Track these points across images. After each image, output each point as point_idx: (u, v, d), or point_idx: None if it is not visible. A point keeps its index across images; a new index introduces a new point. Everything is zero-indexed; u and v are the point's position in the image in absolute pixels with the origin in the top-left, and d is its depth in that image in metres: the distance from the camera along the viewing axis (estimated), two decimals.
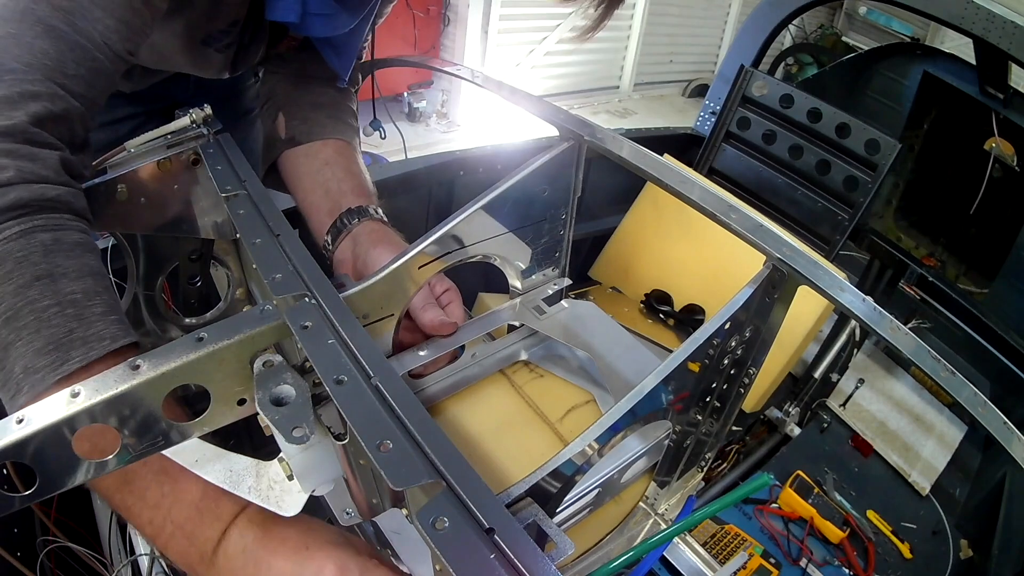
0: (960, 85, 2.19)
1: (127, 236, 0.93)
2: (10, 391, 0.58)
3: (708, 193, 0.76)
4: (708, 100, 2.41)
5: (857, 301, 0.65)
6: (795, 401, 1.86)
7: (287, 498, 0.61)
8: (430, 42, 4.81)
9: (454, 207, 1.17)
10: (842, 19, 7.57)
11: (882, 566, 1.48)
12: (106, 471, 0.55)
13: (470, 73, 1.08)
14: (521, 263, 0.99)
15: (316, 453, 0.60)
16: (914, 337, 0.65)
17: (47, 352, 0.58)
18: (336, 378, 0.54)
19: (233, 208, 0.77)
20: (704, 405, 0.80)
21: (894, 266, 2.12)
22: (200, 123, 0.92)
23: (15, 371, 0.58)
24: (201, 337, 0.57)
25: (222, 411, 0.61)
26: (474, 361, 0.96)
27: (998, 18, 1.66)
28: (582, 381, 0.97)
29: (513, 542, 0.45)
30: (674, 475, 0.89)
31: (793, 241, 0.71)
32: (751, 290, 0.69)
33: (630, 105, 6.65)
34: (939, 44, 4.95)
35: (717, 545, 1.37)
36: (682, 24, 6.96)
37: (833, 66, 2.73)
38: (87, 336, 0.60)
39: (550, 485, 0.58)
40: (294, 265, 0.67)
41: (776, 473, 1.57)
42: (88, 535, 1.05)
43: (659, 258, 2.01)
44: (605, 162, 0.86)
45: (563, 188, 0.95)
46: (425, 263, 0.84)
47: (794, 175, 2.09)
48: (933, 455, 1.82)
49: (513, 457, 0.82)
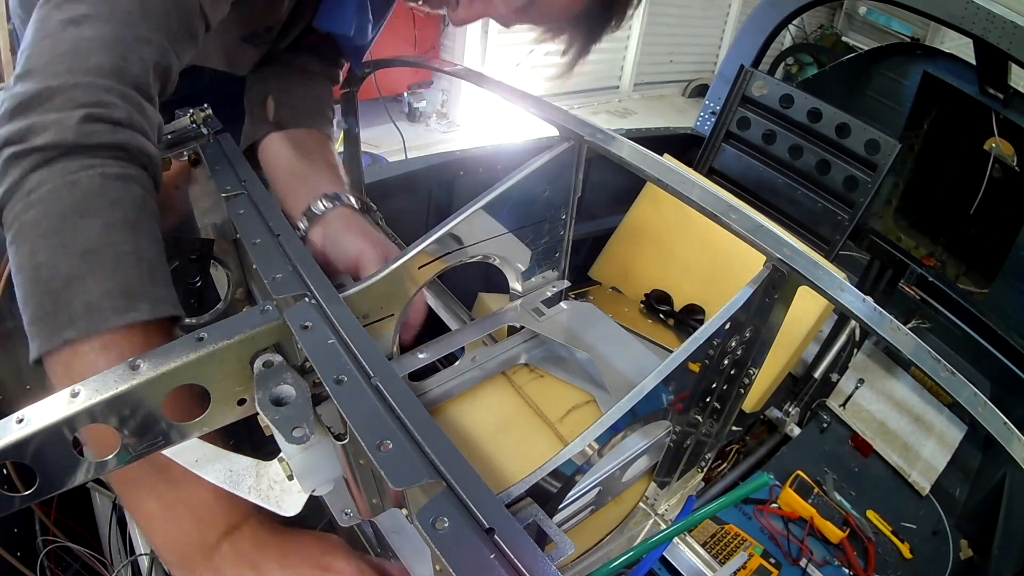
0: (960, 85, 2.19)
1: None
2: (60, 322, 0.57)
3: (708, 193, 0.75)
4: (708, 100, 2.41)
5: (857, 301, 0.65)
6: (795, 401, 1.86)
7: (287, 498, 0.61)
8: (430, 42, 4.81)
9: (454, 207, 1.17)
10: (842, 19, 7.56)
11: (882, 566, 1.48)
12: (106, 471, 0.55)
13: (470, 73, 1.08)
14: (521, 264, 0.99)
15: (316, 453, 0.60)
16: (914, 337, 0.64)
17: (116, 296, 0.58)
18: (336, 378, 0.54)
19: (233, 208, 0.77)
20: (704, 405, 0.80)
21: (894, 266, 2.12)
22: (200, 123, 0.92)
23: (74, 305, 0.57)
24: (201, 337, 0.56)
25: (222, 411, 0.61)
26: (474, 365, 0.96)
27: (998, 18, 1.66)
28: (582, 382, 0.97)
29: (513, 542, 0.45)
30: (674, 475, 0.89)
31: (793, 241, 0.71)
32: (751, 290, 0.69)
33: (630, 105, 6.65)
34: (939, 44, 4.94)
35: (717, 545, 1.37)
36: (682, 24, 6.95)
37: (833, 66, 2.73)
38: (156, 295, 0.61)
39: (550, 485, 0.58)
40: (294, 265, 0.67)
41: (776, 473, 1.57)
42: (88, 535, 1.05)
43: (659, 258, 2.01)
44: (605, 162, 0.86)
45: (563, 188, 0.95)
46: (425, 263, 0.84)
47: (794, 175, 2.09)
48: (933, 455, 1.82)
49: (513, 457, 0.82)
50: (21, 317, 0.59)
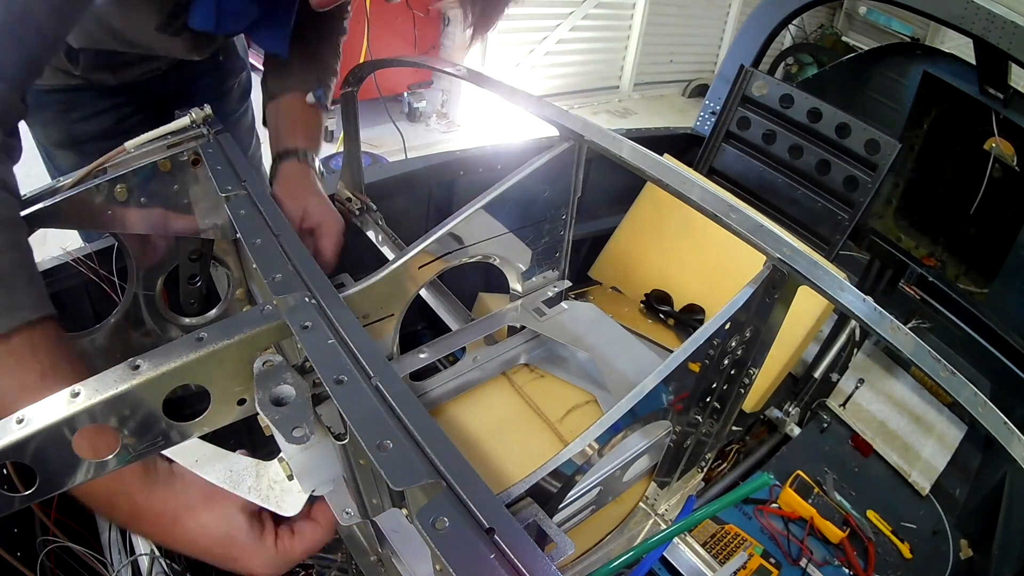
0: (960, 85, 2.19)
1: (127, 236, 0.93)
2: None
3: (708, 193, 0.75)
4: (708, 100, 2.41)
5: (857, 301, 0.65)
6: (795, 401, 1.86)
7: (287, 498, 0.61)
8: (430, 42, 4.81)
9: (454, 207, 1.17)
10: (842, 19, 7.55)
11: (882, 566, 1.48)
12: (106, 471, 0.55)
13: (470, 73, 1.08)
14: (521, 264, 0.99)
15: (316, 453, 0.60)
16: (914, 337, 0.64)
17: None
18: (336, 378, 0.54)
19: (233, 208, 0.78)
20: (704, 405, 0.80)
21: (894, 266, 2.12)
22: (200, 123, 0.92)
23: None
24: (201, 337, 0.57)
25: (222, 411, 0.61)
26: (475, 365, 0.96)
27: (998, 18, 1.66)
28: (582, 382, 0.97)
29: (513, 542, 0.45)
30: (674, 475, 0.89)
31: (793, 241, 0.71)
32: (751, 290, 0.69)
33: (630, 105, 6.65)
34: (939, 44, 4.94)
35: (717, 545, 1.37)
36: (682, 24, 6.95)
37: (833, 66, 2.73)
38: (10, 304, 0.62)
39: (550, 485, 0.58)
40: (294, 265, 0.67)
41: (776, 473, 1.57)
42: (88, 535, 1.04)
43: (659, 258, 2.01)
44: (605, 162, 0.86)
45: (563, 188, 0.95)
46: (425, 263, 0.84)
47: (794, 175, 2.09)
48: (933, 455, 1.82)
49: (513, 457, 0.82)
50: None
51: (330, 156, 3.53)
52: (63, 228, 0.86)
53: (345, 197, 1.33)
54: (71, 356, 0.65)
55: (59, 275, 1.07)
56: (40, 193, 0.84)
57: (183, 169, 0.89)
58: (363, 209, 1.31)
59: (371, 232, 1.26)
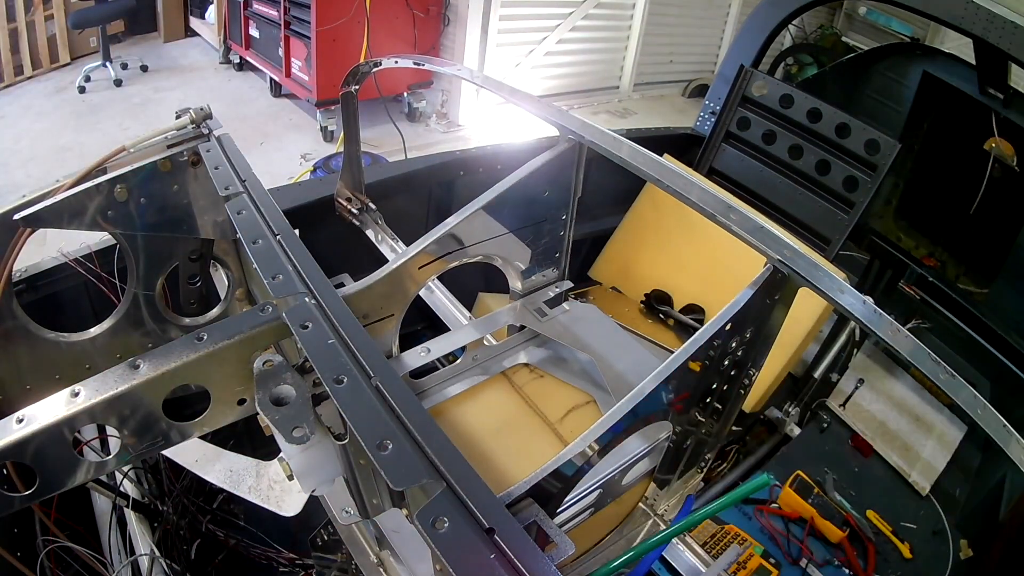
0: (960, 85, 2.19)
1: (127, 236, 0.93)
2: None
3: (708, 193, 0.75)
4: (708, 100, 2.41)
5: (857, 303, 0.65)
6: (795, 401, 1.86)
7: (287, 498, 0.61)
8: (430, 42, 4.80)
9: (454, 207, 1.17)
10: (842, 19, 7.55)
11: (882, 566, 1.48)
12: (106, 471, 0.55)
13: (470, 73, 1.08)
14: (521, 264, 0.99)
15: (316, 453, 0.60)
16: (913, 339, 0.64)
17: None
18: (336, 378, 0.54)
19: (233, 208, 0.77)
20: (704, 405, 0.80)
21: (894, 266, 2.12)
22: (200, 123, 0.92)
23: None
24: (201, 337, 0.57)
25: (222, 411, 0.61)
26: (475, 364, 0.96)
27: (998, 18, 1.66)
28: (582, 382, 0.97)
29: (513, 542, 0.45)
30: (674, 475, 0.88)
31: (793, 242, 0.71)
32: (752, 292, 0.68)
33: (630, 105, 6.64)
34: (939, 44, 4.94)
35: (717, 545, 1.36)
36: (682, 24, 6.94)
37: (833, 66, 2.73)
38: None
39: (551, 485, 0.57)
40: (294, 265, 0.67)
41: (776, 473, 1.57)
42: (88, 535, 1.05)
43: (659, 258, 2.01)
44: (605, 162, 0.86)
45: (563, 189, 0.95)
46: (425, 263, 0.84)
47: (794, 175, 2.09)
48: (933, 455, 1.82)
49: (514, 457, 0.82)
50: (21, 317, 0.59)
51: (330, 156, 3.53)
52: (63, 228, 0.86)
53: (345, 197, 1.33)
54: None
55: (59, 275, 1.07)
56: (40, 193, 0.84)
57: (183, 169, 0.89)
58: (363, 209, 1.31)
59: (371, 232, 1.26)
